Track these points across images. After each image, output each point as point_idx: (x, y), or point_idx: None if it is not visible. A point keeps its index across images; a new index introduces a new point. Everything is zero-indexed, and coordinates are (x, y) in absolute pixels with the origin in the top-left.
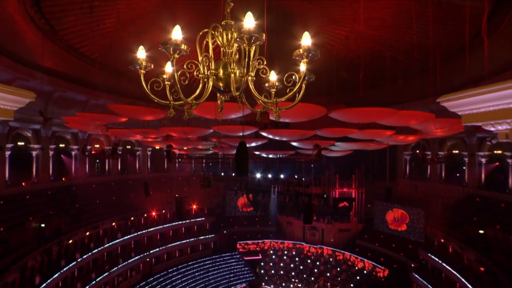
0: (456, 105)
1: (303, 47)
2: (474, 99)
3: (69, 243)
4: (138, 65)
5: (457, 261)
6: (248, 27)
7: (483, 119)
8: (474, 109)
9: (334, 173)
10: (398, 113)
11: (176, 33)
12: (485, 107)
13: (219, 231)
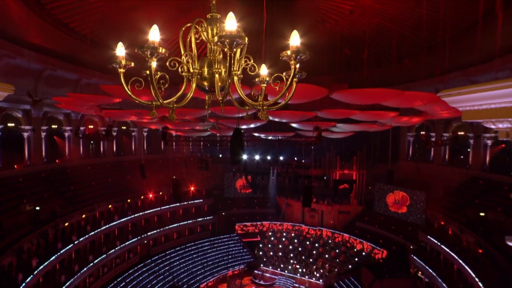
0: (456, 101)
1: (291, 48)
2: (475, 95)
3: (65, 226)
4: (117, 64)
5: (456, 243)
6: (229, 29)
7: (484, 116)
8: (475, 106)
9: (335, 155)
10: (402, 94)
11: (154, 34)
12: (486, 104)
13: (217, 213)
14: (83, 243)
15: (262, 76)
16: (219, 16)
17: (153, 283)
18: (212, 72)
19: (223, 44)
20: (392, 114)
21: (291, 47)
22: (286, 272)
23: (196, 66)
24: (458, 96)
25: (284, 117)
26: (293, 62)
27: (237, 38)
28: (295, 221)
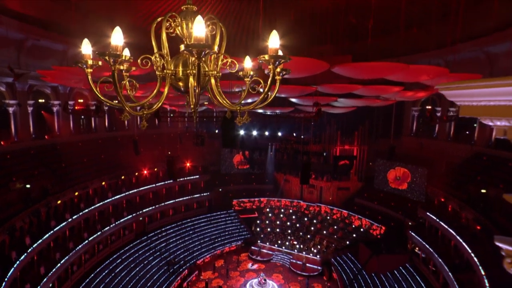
0: (454, 95)
1: (270, 51)
2: (474, 91)
3: (58, 204)
4: (84, 64)
5: (455, 219)
6: (198, 36)
7: (482, 113)
8: (474, 101)
9: (336, 130)
10: (408, 68)
11: (116, 38)
12: (485, 101)
13: (214, 189)
14: (77, 220)
15: (246, 70)
16: (195, 8)
17: (149, 260)
18: (187, 73)
19: (190, 53)
20: (397, 88)
21: (269, 50)
22: (284, 248)
23: (169, 66)
24: (456, 90)
25: (283, 92)
26: (272, 67)
27: (206, 47)
28: (293, 197)
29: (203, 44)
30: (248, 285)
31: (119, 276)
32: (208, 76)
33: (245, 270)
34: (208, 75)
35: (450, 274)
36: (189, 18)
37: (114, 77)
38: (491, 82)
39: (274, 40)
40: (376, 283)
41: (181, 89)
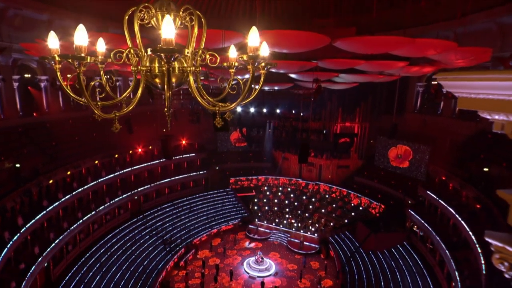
0: (452, 86)
1: (249, 49)
2: (472, 83)
3: (50, 183)
4: (52, 60)
5: (455, 198)
6: (167, 38)
7: (480, 106)
8: (472, 94)
9: (337, 107)
10: (414, 42)
11: (80, 37)
12: (484, 94)
13: (211, 167)
14: (70, 200)
15: (231, 60)
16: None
17: (146, 239)
18: (162, 70)
19: (159, 58)
20: (401, 64)
21: (249, 48)
22: (281, 227)
23: (144, 61)
24: (454, 81)
25: (281, 68)
26: (251, 67)
27: (175, 52)
28: (292, 176)
29: (171, 48)
30: (245, 264)
31: (115, 255)
32: (186, 72)
33: (242, 248)
34: (186, 71)
35: (447, 251)
36: (164, 8)
37: (80, 80)
38: (490, 75)
39: (253, 37)
40: (373, 260)
41: (158, 86)
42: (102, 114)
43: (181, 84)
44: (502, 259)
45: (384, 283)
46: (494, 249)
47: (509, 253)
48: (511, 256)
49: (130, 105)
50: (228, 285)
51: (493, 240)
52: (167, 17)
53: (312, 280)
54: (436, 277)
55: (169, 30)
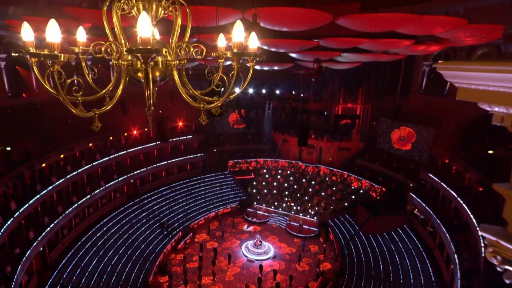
0: (452, 76)
1: (233, 45)
2: (472, 74)
3: (43, 167)
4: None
5: (458, 181)
6: (143, 36)
7: (479, 98)
8: (472, 85)
9: (339, 87)
10: (421, 19)
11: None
12: (484, 86)
13: (209, 149)
14: (64, 184)
15: (220, 50)
16: None
17: (143, 222)
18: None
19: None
20: (407, 42)
21: (233, 44)
22: (280, 210)
23: (125, 55)
24: (454, 71)
25: (281, 47)
26: (235, 64)
27: (152, 52)
28: (292, 158)
29: (148, 49)
30: (243, 247)
31: (112, 239)
32: (170, 66)
33: (240, 232)
34: (170, 65)
35: (447, 234)
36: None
37: (54, 79)
38: (491, 67)
39: (238, 32)
40: (372, 244)
41: (141, 81)
42: (79, 113)
43: (166, 78)
44: (495, 252)
45: (383, 266)
46: (487, 242)
47: (502, 247)
48: (504, 250)
49: (110, 103)
50: (226, 268)
51: (487, 234)
52: (143, 14)
53: (311, 263)
54: (435, 260)
55: (145, 27)
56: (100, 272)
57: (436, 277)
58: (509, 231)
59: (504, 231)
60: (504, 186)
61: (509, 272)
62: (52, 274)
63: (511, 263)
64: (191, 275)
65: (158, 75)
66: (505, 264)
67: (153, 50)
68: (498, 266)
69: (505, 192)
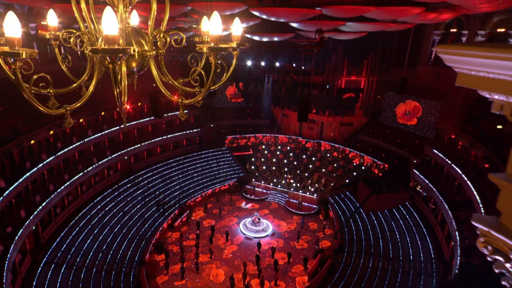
0: (453, 60)
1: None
2: (472, 60)
3: (31, 144)
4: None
5: (463, 157)
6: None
7: (479, 85)
8: (473, 71)
9: (343, 58)
10: None
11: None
12: (484, 72)
13: (205, 124)
14: (55, 161)
15: (203, 34)
16: None
17: (138, 200)
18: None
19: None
20: (417, 10)
21: (210, 38)
22: (279, 187)
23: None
24: (455, 56)
25: (281, 16)
26: (212, 59)
27: (119, 53)
28: (292, 133)
29: (114, 49)
30: (241, 225)
31: (106, 217)
32: (147, 57)
33: (238, 209)
34: (147, 56)
35: (449, 211)
36: None
37: (17, 78)
38: (491, 53)
39: (215, 24)
40: (372, 221)
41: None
42: (49, 111)
43: (144, 68)
44: (486, 242)
45: (382, 243)
46: (479, 232)
47: (493, 237)
48: (496, 240)
49: (83, 98)
50: (223, 246)
51: (479, 224)
52: (108, 10)
53: (310, 241)
54: (436, 237)
55: (111, 24)
56: (95, 251)
57: (436, 254)
58: (501, 222)
59: (496, 221)
60: (499, 176)
61: (498, 262)
62: (46, 253)
63: (501, 253)
64: (188, 253)
65: (135, 65)
66: (495, 254)
67: (120, 50)
68: (489, 256)
69: (500, 182)
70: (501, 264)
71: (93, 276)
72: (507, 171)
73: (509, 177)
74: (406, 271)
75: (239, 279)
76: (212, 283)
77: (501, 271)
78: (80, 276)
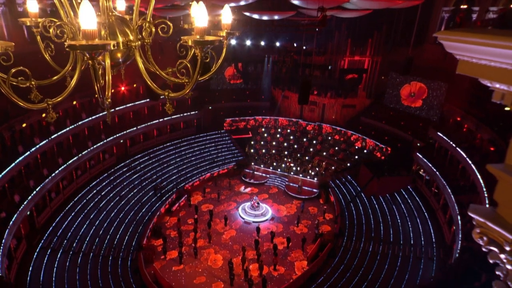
0: (453, 47)
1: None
2: (474, 47)
3: (23, 127)
4: None
5: (468, 140)
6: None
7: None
8: (474, 59)
9: (346, 37)
10: None
11: None
12: (486, 60)
13: (203, 107)
14: (48, 145)
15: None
16: None
17: (135, 184)
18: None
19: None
20: None
21: (195, 30)
22: (279, 171)
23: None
24: (456, 42)
25: None
26: (198, 52)
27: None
28: (292, 116)
29: (93, 45)
30: (240, 209)
31: (102, 202)
32: (132, 48)
33: (237, 193)
34: (131, 46)
35: (452, 195)
36: None
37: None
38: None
39: (200, 15)
40: (373, 205)
41: (102, 63)
42: (29, 105)
43: (130, 58)
44: (482, 233)
45: (383, 227)
46: (475, 223)
47: (489, 228)
48: (491, 231)
49: (64, 93)
50: (222, 231)
51: (475, 215)
52: (85, 3)
53: (310, 225)
54: (438, 221)
55: (89, 18)
56: (92, 236)
57: (437, 238)
58: (498, 213)
59: (493, 212)
60: (497, 167)
61: (493, 253)
62: (41, 238)
63: (496, 244)
64: (186, 238)
65: (121, 56)
66: (490, 245)
67: (99, 46)
68: (484, 247)
69: (498, 173)
70: (496, 255)
71: (90, 261)
72: (505, 162)
73: (508, 168)
74: (406, 255)
75: (237, 263)
76: (210, 268)
77: (495, 261)
78: (77, 261)
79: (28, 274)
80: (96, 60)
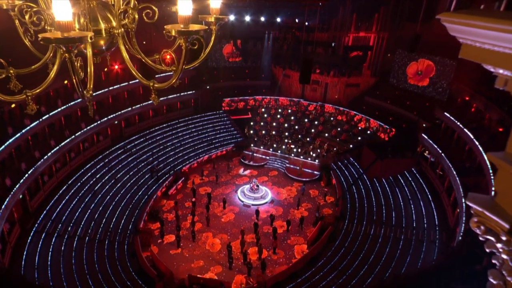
0: (457, 30)
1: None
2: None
3: (12, 108)
4: None
5: (476, 120)
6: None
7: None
8: (477, 43)
9: (351, 12)
10: None
11: None
12: (489, 45)
13: (201, 86)
14: (39, 126)
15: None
16: None
17: (130, 167)
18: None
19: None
20: None
21: (179, 18)
22: (279, 153)
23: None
24: (459, 25)
25: None
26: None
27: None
28: (293, 95)
29: (69, 38)
30: (239, 192)
31: (97, 185)
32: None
33: (236, 176)
34: (114, 34)
35: (457, 177)
36: None
37: None
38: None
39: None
40: (376, 187)
41: (84, 51)
42: (6, 98)
43: (114, 45)
44: (479, 222)
45: (385, 210)
46: (473, 212)
47: (487, 217)
48: (489, 220)
49: (43, 84)
50: (220, 214)
51: (473, 204)
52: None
53: (310, 208)
54: (442, 204)
55: (64, 9)
56: (87, 219)
57: (440, 221)
58: (496, 202)
59: (491, 201)
60: (497, 155)
61: (490, 242)
62: (35, 222)
63: (493, 233)
64: (183, 222)
65: (104, 43)
66: (487, 234)
67: (75, 39)
68: (481, 236)
69: (498, 162)
70: (492, 244)
71: (86, 245)
72: (506, 151)
73: (508, 157)
74: (408, 238)
75: (236, 247)
76: (208, 252)
77: (492, 251)
78: (73, 245)
79: (22, 259)
80: (73, 53)
